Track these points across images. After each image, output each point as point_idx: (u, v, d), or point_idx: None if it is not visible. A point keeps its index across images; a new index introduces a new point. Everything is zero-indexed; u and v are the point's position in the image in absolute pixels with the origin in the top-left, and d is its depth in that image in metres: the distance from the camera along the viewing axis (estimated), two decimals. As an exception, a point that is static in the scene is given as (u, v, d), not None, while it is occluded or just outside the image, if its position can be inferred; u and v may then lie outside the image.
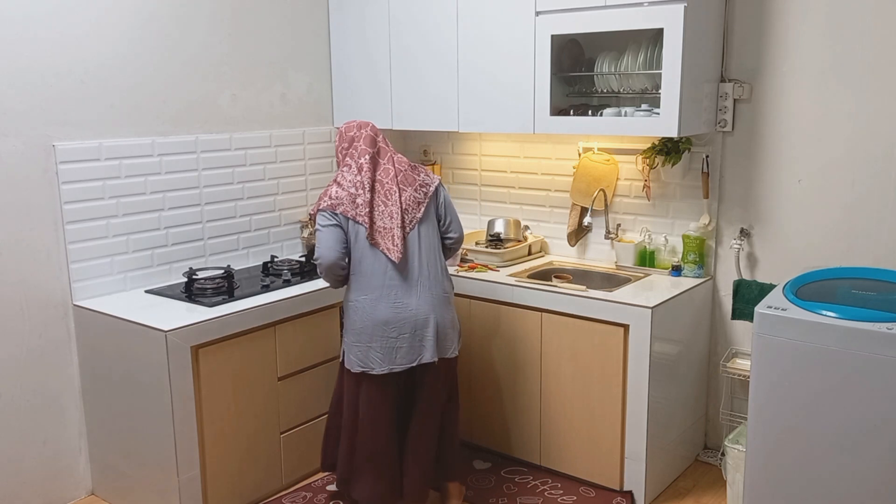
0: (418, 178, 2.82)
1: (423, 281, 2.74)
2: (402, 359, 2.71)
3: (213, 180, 3.47)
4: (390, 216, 2.71)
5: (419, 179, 2.82)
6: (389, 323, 2.69)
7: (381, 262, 2.71)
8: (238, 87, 3.55)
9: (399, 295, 2.71)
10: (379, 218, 2.71)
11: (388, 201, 2.73)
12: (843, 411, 2.43)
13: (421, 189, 2.81)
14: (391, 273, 2.71)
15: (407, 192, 2.78)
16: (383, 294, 2.70)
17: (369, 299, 2.71)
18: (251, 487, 3.10)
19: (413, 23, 3.61)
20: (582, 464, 3.21)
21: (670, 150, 3.28)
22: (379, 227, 2.71)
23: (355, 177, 2.74)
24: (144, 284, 3.25)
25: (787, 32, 3.03)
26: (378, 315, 2.69)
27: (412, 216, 2.77)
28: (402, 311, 2.70)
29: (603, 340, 3.04)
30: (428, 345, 2.72)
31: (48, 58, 2.90)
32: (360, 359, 2.73)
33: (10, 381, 2.92)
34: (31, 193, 2.91)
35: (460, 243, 2.98)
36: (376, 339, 2.70)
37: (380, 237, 2.71)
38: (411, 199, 2.78)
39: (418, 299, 2.72)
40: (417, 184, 2.81)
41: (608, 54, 3.24)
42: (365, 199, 2.70)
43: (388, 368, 2.70)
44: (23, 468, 2.99)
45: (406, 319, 2.70)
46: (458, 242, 2.96)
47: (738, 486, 2.89)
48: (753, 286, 3.16)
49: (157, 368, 2.76)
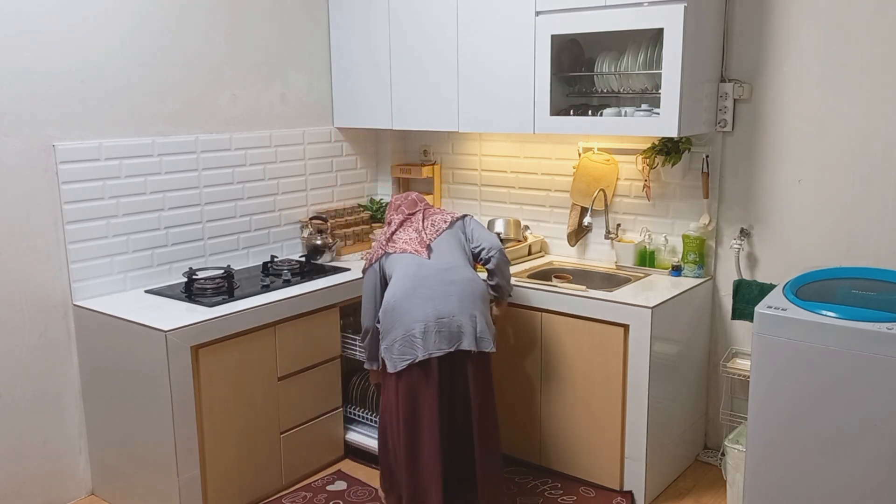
0: (446, 211, 3.08)
1: (455, 279, 2.80)
2: (441, 343, 2.71)
3: (213, 180, 3.47)
4: (415, 230, 2.96)
5: (447, 211, 3.07)
6: (427, 315, 2.72)
7: (412, 266, 2.82)
8: (238, 87, 3.55)
9: (436, 288, 2.76)
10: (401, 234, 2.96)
11: (411, 225, 2.99)
12: (843, 411, 2.43)
13: (447, 214, 3.04)
14: (425, 273, 2.79)
15: (430, 218, 3.02)
16: (419, 289, 2.76)
17: (405, 296, 2.75)
18: (251, 487, 3.10)
19: (413, 22, 3.61)
20: (582, 464, 3.21)
21: (670, 150, 3.28)
22: (405, 239, 2.92)
23: (385, 228, 3.04)
24: (144, 284, 3.26)
25: (787, 32, 3.03)
26: (416, 308, 2.73)
27: (437, 228, 2.97)
28: (441, 302, 2.74)
29: (603, 340, 3.04)
30: (467, 332, 2.74)
31: (48, 58, 2.90)
32: (402, 352, 2.72)
33: (10, 380, 2.93)
34: (31, 193, 2.91)
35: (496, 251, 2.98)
36: (414, 327, 2.71)
37: (406, 245, 2.90)
38: (437, 220, 3.00)
39: (456, 288, 2.78)
40: (443, 213, 3.05)
41: (608, 54, 3.24)
42: (389, 234, 2.97)
43: (428, 353, 2.70)
44: (23, 468, 3.00)
45: (444, 310, 2.73)
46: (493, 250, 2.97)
47: (738, 486, 2.89)
48: (753, 286, 3.16)
49: (157, 368, 2.76)
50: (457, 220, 3.02)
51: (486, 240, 2.99)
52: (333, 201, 4.04)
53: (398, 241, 2.93)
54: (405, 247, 2.89)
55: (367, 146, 4.19)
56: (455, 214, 3.04)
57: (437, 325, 2.71)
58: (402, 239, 2.94)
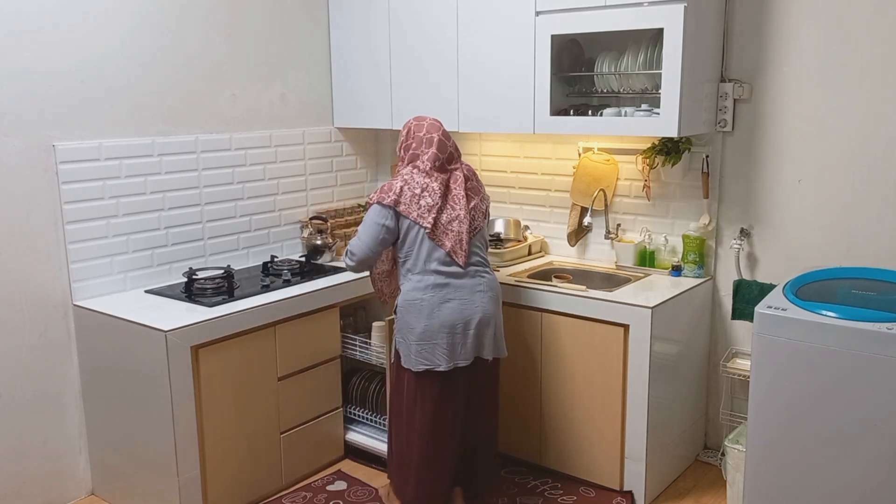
0: (482, 189, 2.93)
1: (482, 282, 2.79)
2: (466, 354, 2.73)
3: (213, 180, 3.47)
4: (459, 221, 2.75)
5: (482, 191, 2.92)
6: (456, 322, 2.71)
7: (445, 263, 2.74)
8: (238, 87, 3.55)
9: (465, 295, 2.74)
10: (448, 222, 2.75)
11: (457, 206, 2.77)
12: (843, 411, 2.43)
13: (483, 202, 2.91)
14: (458, 282, 2.75)
15: (474, 200, 2.85)
16: (449, 294, 2.72)
17: (435, 298, 2.71)
18: (251, 487, 3.10)
19: (413, 22, 3.61)
20: (582, 464, 3.21)
21: (670, 150, 3.28)
22: (447, 230, 2.74)
23: (424, 179, 2.75)
24: (144, 284, 3.26)
25: (787, 32, 3.03)
26: (445, 314, 2.70)
27: (478, 224, 2.84)
28: (468, 310, 2.73)
29: (603, 340, 3.04)
30: (488, 342, 2.76)
31: (48, 58, 2.90)
32: (426, 357, 2.71)
33: (11, 380, 2.93)
34: (31, 193, 2.91)
35: None
36: (442, 336, 2.70)
37: (447, 239, 2.74)
38: (477, 209, 2.85)
39: (482, 299, 2.76)
40: (481, 195, 2.91)
41: (608, 54, 3.23)
42: (433, 203, 2.72)
43: (453, 364, 2.71)
44: (23, 468, 2.99)
45: (471, 318, 2.72)
46: None
47: (738, 486, 2.89)
48: (753, 286, 3.16)
49: (157, 368, 2.76)
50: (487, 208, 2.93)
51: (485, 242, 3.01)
52: (333, 201, 4.04)
53: (439, 225, 2.73)
54: (445, 241, 2.73)
55: (367, 146, 4.19)
56: (486, 201, 2.93)
57: (463, 336, 2.71)
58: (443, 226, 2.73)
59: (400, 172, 2.82)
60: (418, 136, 2.83)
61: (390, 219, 2.73)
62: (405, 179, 2.76)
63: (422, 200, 2.72)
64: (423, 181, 2.75)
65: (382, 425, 3.43)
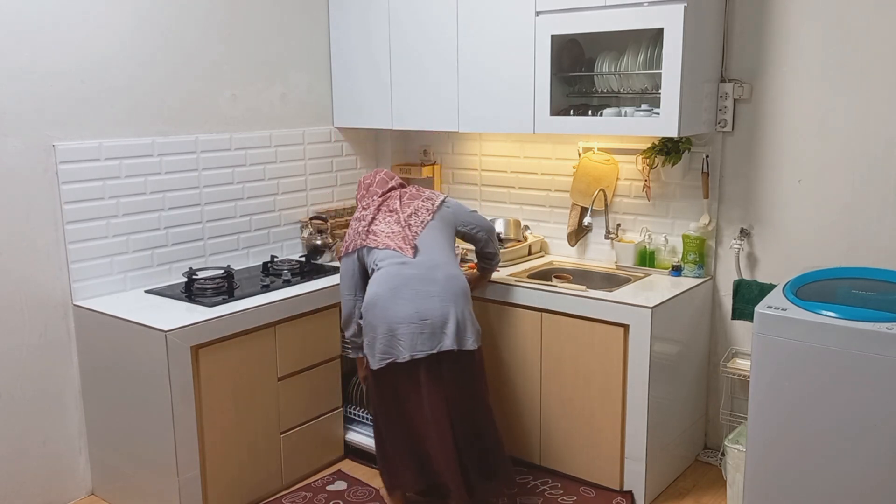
0: (423, 194, 3.03)
1: (440, 277, 2.80)
2: (424, 345, 2.73)
3: (213, 180, 3.47)
4: (397, 222, 2.90)
5: (424, 195, 3.02)
6: (411, 315, 2.72)
7: (396, 264, 2.80)
8: (238, 87, 3.55)
9: (419, 289, 2.76)
10: (382, 225, 2.91)
11: (391, 215, 2.94)
12: (843, 411, 2.43)
13: (427, 201, 3.00)
14: (409, 271, 2.78)
15: (411, 205, 2.97)
16: (403, 289, 2.76)
17: (388, 294, 2.75)
18: (251, 487, 3.10)
19: (413, 23, 3.61)
20: (582, 464, 3.21)
21: (670, 150, 3.28)
22: (387, 233, 2.87)
23: (361, 213, 3.00)
24: (144, 284, 3.26)
25: (787, 32, 3.03)
26: (399, 307, 2.73)
27: (421, 219, 2.92)
28: (424, 302, 2.74)
29: (603, 340, 3.04)
30: (449, 333, 2.75)
31: (48, 58, 2.90)
32: (383, 351, 2.75)
33: (11, 380, 2.93)
34: (31, 193, 2.91)
35: (491, 232, 3.16)
36: (399, 328, 2.72)
37: (389, 240, 2.85)
38: (419, 208, 2.95)
39: (439, 289, 2.77)
40: (422, 198, 3.01)
41: (608, 54, 3.23)
42: (366, 223, 2.93)
43: (409, 355, 2.72)
44: (23, 468, 2.99)
45: (427, 311, 2.74)
46: (490, 233, 3.16)
47: (738, 486, 2.89)
48: (753, 286, 3.16)
49: (157, 368, 2.76)
50: (438, 208, 2.99)
51: (477, 224, 3.11)
52: (333, 201, 4.04)
53: (379, 233, 2.89)
54: (388, 242, 2.85)
55: (367, 146, 4.19)
56: (434, 199, 3.01)
57: (419, 326, 2.72)
58: (383, 232, 2.89)
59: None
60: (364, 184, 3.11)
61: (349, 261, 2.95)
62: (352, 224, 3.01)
63: (359, 227, 2.95)
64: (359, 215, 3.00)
65: (382, 425, 3.44)
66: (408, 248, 2.83)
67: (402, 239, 2.85)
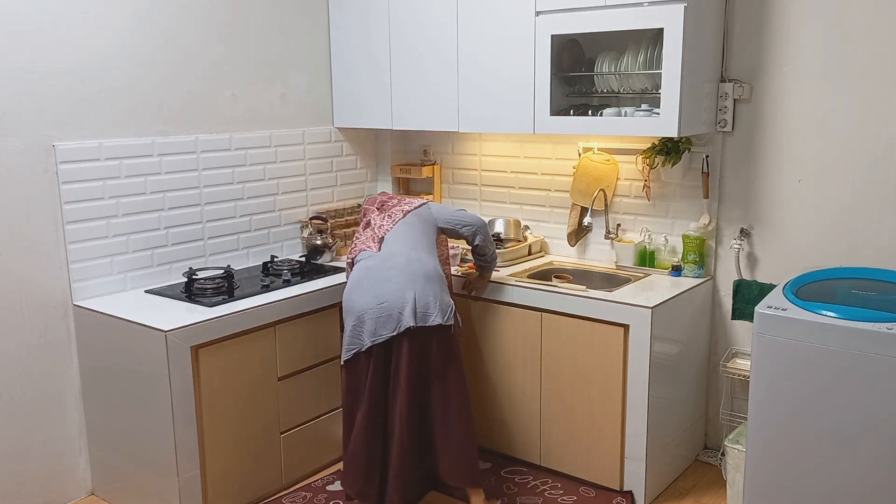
0: (404, 200, 3.15)
1: (399, 265, 2.86)
2: (382, 329, 2.77)
3: (213, 180, 3.47)
4: (371, 228, 3.07)
5: (405, 201, 3.14)
6: (369, 301, 2.79)
7: (363, 260, 2.94)
8: (238, 87, 3.55)
9: (378, 276, 2.84)
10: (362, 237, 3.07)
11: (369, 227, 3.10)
12: (843, 411, 2.43)
13: (405, 204, 3.11)
14: (371, 263, 2.90)
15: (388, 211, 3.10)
16: (364, 280, 2.85)
17: (352, 288, 2.88)
18: (251, 487, 3.10)
19: (413, 22, 3.61)
20: (582, 464, 3.21)
21: (670, 150, 3.28)
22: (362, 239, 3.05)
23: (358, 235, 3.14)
24: (144, 284, 3.26)
25: (787, 32, 3.03)
26: (360, 296, 2.82)
27: (393, 219, 3.05)
28: (381, 286, 2.81)
29: (603, 340, 3.04)
30: (407, 313, 2.76)
31: (48, 58, 2.90)
32: (349, 343, 2.82)
33: (10, 380, 2.93)
34: (31, 193, 2.91)
35: (481, 228, 3.18)
36: (363, 316, 2.79)
37: (362, 244, 3.02)
38: (394, 212, 3.07)
39: (398, 273, 2.83)
40: (402, 203, 3.12)
41: (608, 54, 3.24)
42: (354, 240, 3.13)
43: (372, 340, 2.78)
44: (23, 468, 2.99)
45: (384, 294, 2.79)
46: (480, 228, 3.18)
47: (738, 486, 2.89)
48: (753, 286, 3.16)
49: (157, 368, 2.76)
50: (414, 209, 3.09)
51: (462, 220, 3.15)
52: (333, 201, 4.04)
53: (357, 242, 3.06)
54: (361, 246, 3.02)
55: (367, 146, 4.19)
56: (413, 203, 3.13)
57: (378, 310, 2.78)
58: (360, 240, 3.06)
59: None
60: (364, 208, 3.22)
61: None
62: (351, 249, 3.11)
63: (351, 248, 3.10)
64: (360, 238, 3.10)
65: (382, 425, 3.43)
66: (374, 244, 2.97)
67: (371, 238, 3.01)
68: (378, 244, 2.97)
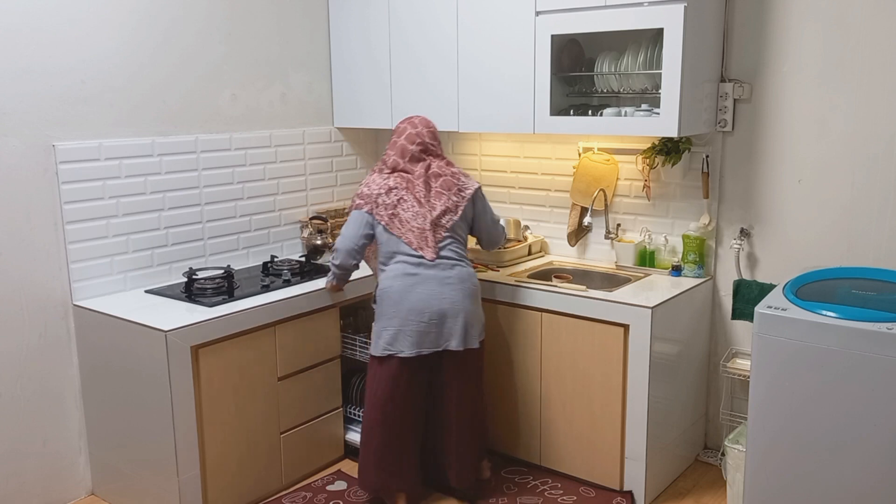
0: (455, 185, 2.99)
1: (452, 275, 2.89)
2: (431, 343, 2.85)
3: (213, 180, 3.47)
4: (423, 217, 2.89)
5: (455, 187, 2.98)
6: (423, 311, 2.83)
7: (415, 260, 2.88)
8: (238, 87, 3.55)
9: (433, 286, 2.85)
10: (410, 219, 2.89)
11: (419, 205, 2.90)
12: (843, 411, 2.43)
13: (459, 193, 2.98)
14: (426, 272, 2.87)
15: (444, 196, 2.95)
16: (417, 283, 2.85)
17: (403, 287, 2.85)
18: (251, 487, 3.10)
19: (413, 22, 3.61)
20: (582, 464, 3.21)
21: (670, 150, 3.28)
22: (411, 226, 2.88)
23: (385, 180, 2.94)
24: (144, 284, 3.26)
25: (787, 32, 3.03)
26: (412, 302, 2.83)
27: (449, 218, 2.94)
28: (436, 300, 2.84)
29: (603, 340, 3.04)
30: (456, 332, 2.86)
31: (48, 58, 2.90)
32: (389, 342, 2.86)
33: (10, 380, 2.93)
34: (31, 193, 2.91)
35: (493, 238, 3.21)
36: (409, 324, 2.83)
37: (413, 236, 2.88)
38: (448, 207, 2.94)
39: (451, 291, 2.86)
40: (456, 188, 2.98)
41: (608, 54, 3.24)
42: (391, 201, 2.90)
43: (416, 352, 2.84)
44: (23, 468, 3.00)
45: (438, 308, 2.84)
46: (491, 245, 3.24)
47: (738, 486, 2.89)
48: (753, 286, 3.16)
49: (157, 368, 2.76)
50: (468, 200, 2.99)
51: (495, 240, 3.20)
52: (333, 201, 4.04)
53: (404, 223, 2.88)
54: (411, 237, 2.87)
55: (367, 146, 4.19)
56: (464, 193, 2.99)
57: (428, 325, 2.83)
58: (408, 223, 2.88)
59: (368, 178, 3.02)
60: (397, 128, 3.05)
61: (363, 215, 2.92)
62: (367, 184, 2.97)
63: (379, 199, 2.91)
64: (382, 182, 2.94)
65: (382, 425, 3.44)
66: (429, 250, 2.88)
67: (425, 240, 2.88)
68: (433, 252, 2.87)
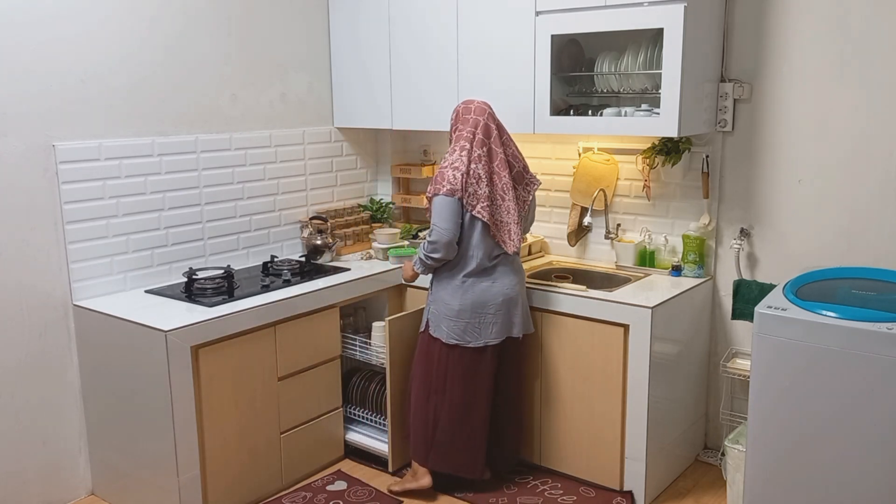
0: (527, 176, 3.09)
1: (516, 265, 3.07)
2: (497, 333, 3.00)
3: (213, 180, 3.47)
4: (507, 211, 2.99)
5: (527, 178, 3.09)
6: (487, 302, 2.97)
7: (488, 247, 2.98)
8: (238, 87, 3.55)
9: (501, 277, 3.00)
10: (497, 212, 2.97)
11: (506, 196, 2.98)
12: (843, 411, 2.43)
13: (527, 188, 3.10)
14: (495, 258, 3.00)
15: (518, 189, 3.06)
16: (487, 276, 2.99)
17: (474, 280, 2.98)
18: (251, 487, 3.10)
19: (414, 22, 3.61)
20: (582, 464, 3.21)
21: (670, 150, 3.28)
22: (497, 221, 2.97)
23: (471, 165, 2.95)
24: (144, 284, 3.26)
25: (787, 32, 3.03)
26: (477, 294, 2.97)
27: (522, 210, 3.07)
28: (497, 290, 2.98)
29: (603, 340, 3.04)
30: (517, 320, 3.04)
31: (48, 58, 2.90)
32: (458, 334, 2.99)
33: (11, 381, 2.93)
34: (31, 193, 2.91)
35: None
36: (474, 315, 2.97)
37: (496, 230, 2.98)
38: (521, 197, 3.07)
39: (512, 280, 3.02)
40: (525, 181, 3.09)
41: (608, 54, 3.24)
42: (484, 192, 2.93)
43: (483, 342, 2.99)
44: (23, 468, 2.99)
45: (503, 299, 2.99)
46: None
47: (738, 486, 2.89)
48: (753, 286, 3.16)
49: (157, 368, 2.76)
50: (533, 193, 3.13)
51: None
52: (333, 201, 4.04)
53: (501, 219, 2.97)
54: (504, 237, 2.98)
55: (367, 146, 4.19)
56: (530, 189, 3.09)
57: (494, 315, 2.97)
58: (503, 220, 2.97)
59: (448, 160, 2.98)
60: (465, 117, 3.03)
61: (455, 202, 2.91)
62: (455, 167, 2.93)
63: (470, 188, 2.92)
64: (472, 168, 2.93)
65: (382, 425, 3.43)
66: (512, 244, 2.98)
67: (508, 234, 2.98)
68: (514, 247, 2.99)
